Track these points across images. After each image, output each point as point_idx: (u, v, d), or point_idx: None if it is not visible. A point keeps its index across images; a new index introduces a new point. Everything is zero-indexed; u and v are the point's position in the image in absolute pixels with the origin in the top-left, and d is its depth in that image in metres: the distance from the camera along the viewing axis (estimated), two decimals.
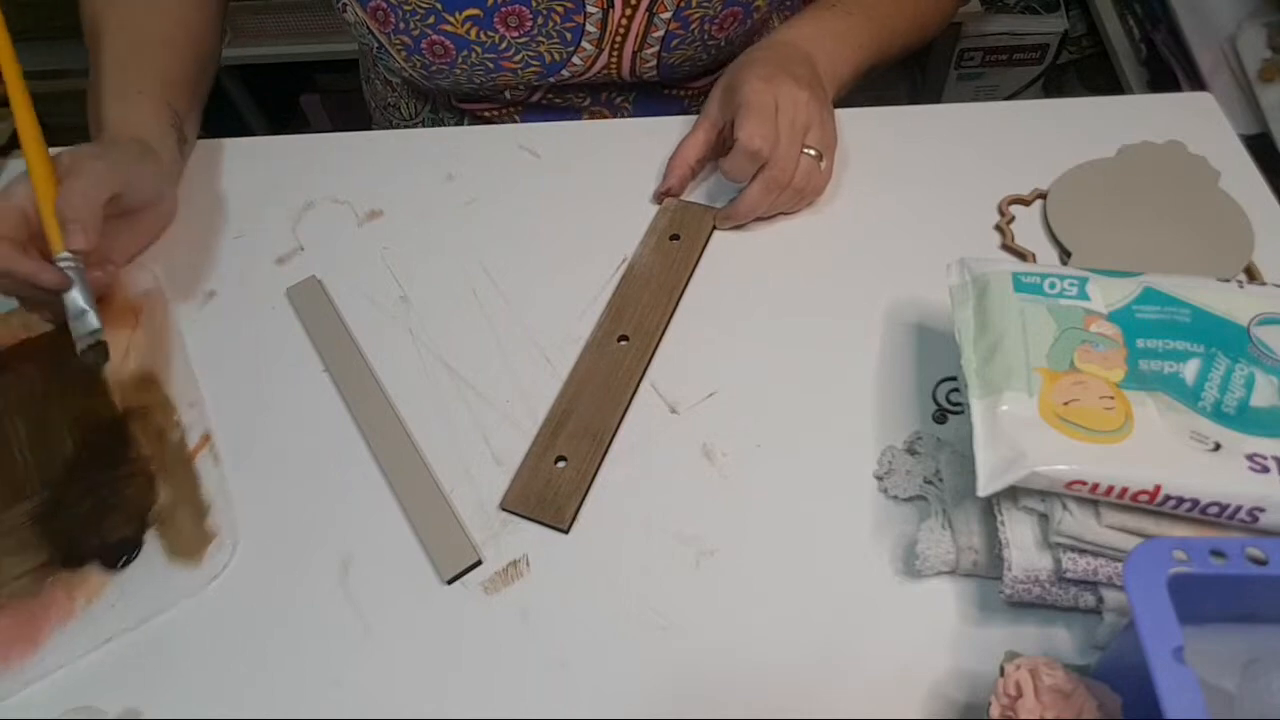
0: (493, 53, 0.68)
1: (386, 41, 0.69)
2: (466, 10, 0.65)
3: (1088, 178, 0.63)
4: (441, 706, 0.44)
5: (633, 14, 0.67)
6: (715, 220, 0.62)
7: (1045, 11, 1.44)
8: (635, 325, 0.57)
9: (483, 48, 0.68)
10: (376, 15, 0.67)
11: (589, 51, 0.69)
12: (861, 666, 0.45)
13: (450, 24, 0.66)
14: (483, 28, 0.66)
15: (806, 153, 0.59)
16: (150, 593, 0.48)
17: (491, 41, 0.67)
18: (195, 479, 0.51)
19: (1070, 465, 0.40)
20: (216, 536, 0.49)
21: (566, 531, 0.49)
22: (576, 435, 0.52)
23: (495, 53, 0.68)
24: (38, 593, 0.48)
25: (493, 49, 0.68)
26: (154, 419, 0.54)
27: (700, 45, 0.70)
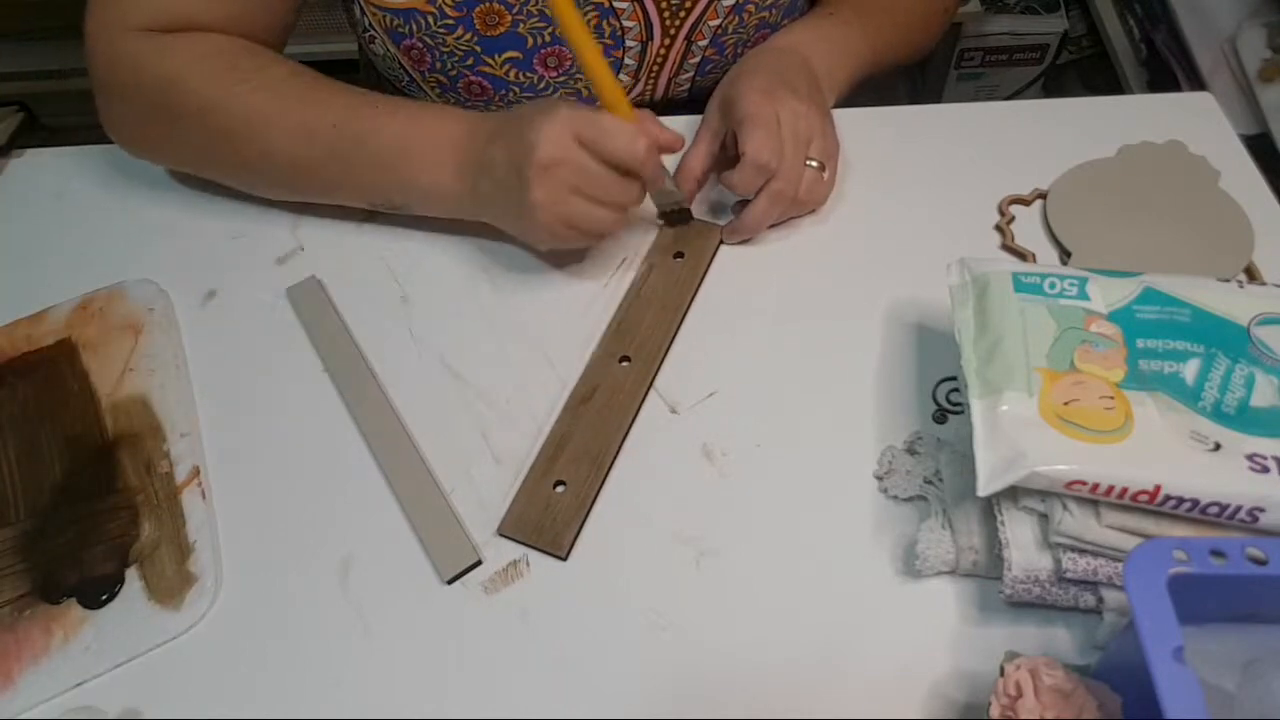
0: (530, 92, 0.67)
1: (419, 79, 0.68)
2: (506, 53, 0.64)
3: (1088, 178, 0.63)
4: (441, 706, 0.44)
5: (670, 43, 0.67)
6: (723, 235, 0.62)
7: (1045, 11, 1.44)
8: (637, 346, 0.56)
9: (521, 88, 0.67)
10: (411, 54, 0.66)
11: (625, 82, 0.69)
12: (861, 666, 0.45)
13: (489, 65, 0.65)
14: (522, 69, 0.66)
15: (809, 164, 0.59)
16: (127, 635, 0.47)
17: (530, 82, 0.67)
18: (181, 517, 0.50)
19: (1070, 465, 0.40)
20: (198, 581, 0.48)
21: (564, 559, 0.48)
22: (576, 459, 0.51)
23: (533, 92, 0.67)
24: (13, 626, 0.47)
25: (531, 89, 0.67)
26: (144, 448, 0.53)
27: (731, 66, 0.70)
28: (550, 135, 0.51)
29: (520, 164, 0.52)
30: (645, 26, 0.65)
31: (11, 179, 0.69)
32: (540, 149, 0.51)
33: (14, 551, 0.50)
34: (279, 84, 0.58)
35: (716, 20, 0.66)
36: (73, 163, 0.69)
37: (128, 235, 0.65)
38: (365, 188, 0.59)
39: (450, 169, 0.56)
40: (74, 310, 0.60)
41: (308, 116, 0.57)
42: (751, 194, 0.59)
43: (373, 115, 0.57)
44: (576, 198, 0.53)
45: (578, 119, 0.52)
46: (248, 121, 0.57)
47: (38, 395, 0.56)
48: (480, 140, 0.56)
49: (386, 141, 0.57)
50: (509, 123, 0.54)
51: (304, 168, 0.59)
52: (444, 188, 0.57)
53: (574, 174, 0.52)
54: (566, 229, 0.54)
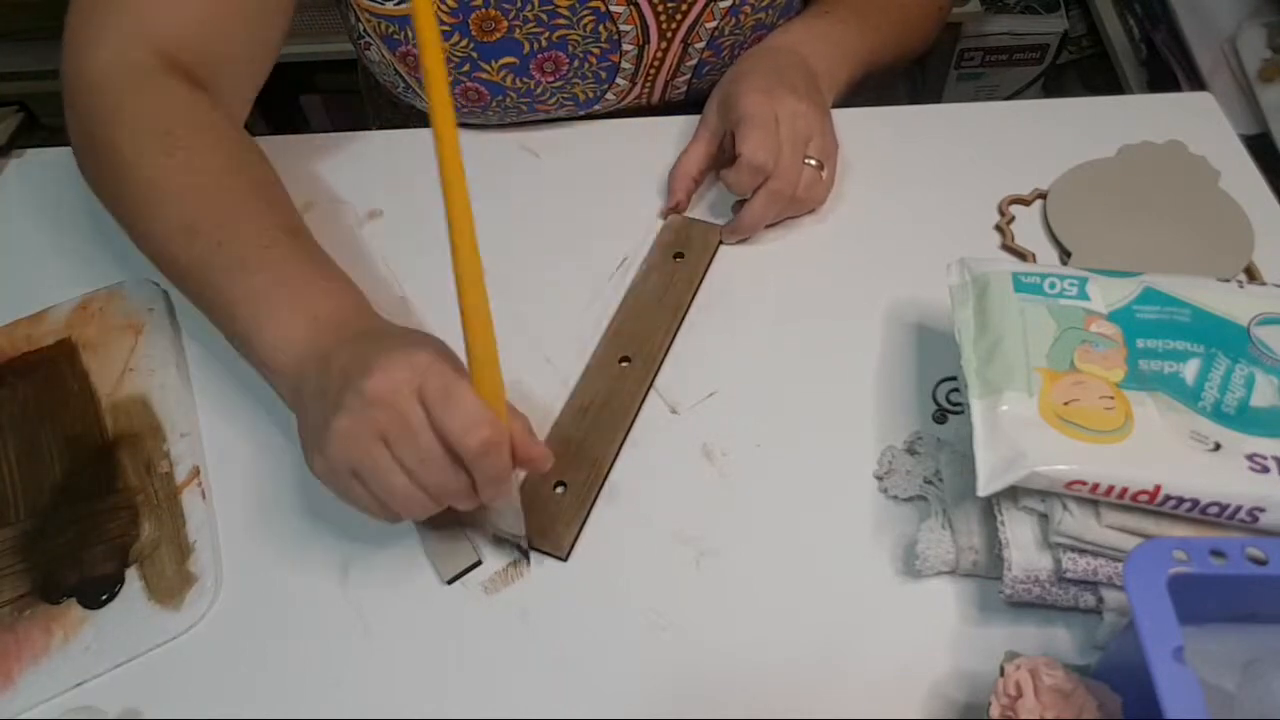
0: (528, 97, 0.67)
1: (415, 85, 0.68)
2: (503, 59, 0.64)
3: (1088, 178, 0.63)
4: (441, 706, 0.44)
5: (668, 47, 0.67)
6: (722, 235, 0.62)
7: (1045, 11, 1.44)
8: (638, 346, 0.56)
9: (518, 93, 0.67)
10: (406, 60, 0.65)
11: (623, 86, 0.69)
12: (861, 666, 0.45)
13: (485, 71, 0.65)
14: (519, 75, 0.65)
15: (808, 163, 0.59)
16: (127, 635, 0.46)
17: (527, 87, 0.66)
18: (181, 517, 0.50)
19: (1070, 465, 0.40)
20: (198, 580, 0.48)
21: (565, 559, 0.48)
22: (576, 459, 0.51)
23: (530, 97, 0.67)
24: (13, 626, 0.47)
25: (528, 94, 0.67)
26: (144, 448, 0.53)
27: (728, 69, 0.70)
28: (392, 371, 0.41)
29: (348, 381, 0.42)
30: (642, 30, 0.65)
31: (11, 179, 0.69)
32: (374, 379, 0.41)
33: (14, 551, 0.50)
34: (200, 170, 0.52)
35: (713, 22, 0.66)
36: (73, 163, 0.69)
37: (128, 235, 0.64)
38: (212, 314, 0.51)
39: (295, 350, 0.47)
40: (74, 310, 0.60)
41: (203, 218, 0.50)
42: (749, 194, 0.59)
43: (266, 252, 0.50)
44: (381, 451, 0.41)
45: (432, 372, 0.41)
46: (147, 192, 0.52)
47: (38, 395, 0.56)
48: (343, 335, 0.47)
49: (256, 284, 0.49)
50: (376, 337, 0.46)
51: (171, 264, 0.52)
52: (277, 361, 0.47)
53: (392, 424, 0.41)
54: (351, 477, 0.43)
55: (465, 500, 0.43)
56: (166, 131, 0.52)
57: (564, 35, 0.63)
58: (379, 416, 0.41)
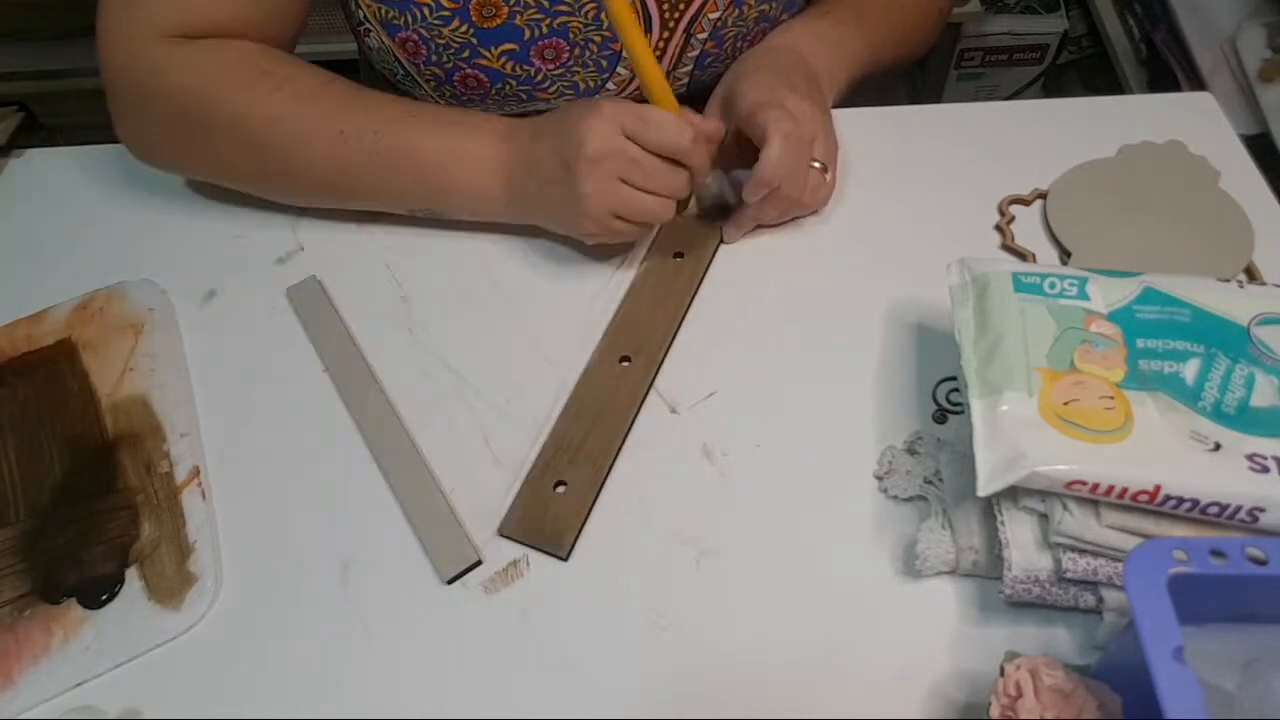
0: (528, 84, 0.67)
1: (415, 72, 0.68)
2: (503, 45, 0.64)
3: (1088, 178, 0.63)
4: (441, 706, 0.44)
5: (670, 36, 0.67)
6: (722, 234, 0.62)
7: (1045, 11, 1.44)
8: (638, 346, 0.56)
9: (517, 80, 0.67)
10: (406, 46, 0.65)
11: (624, 75, 0.69)
12: (861, 666, 0.45)
13: (485, 58, 0.65)
14: (519, 61, 0.65)
15: (813, 166, 0.59)
16: (127, 635, 0.47)
17: (527, 74, 0.66)
18: (181, 516, 0.50)
19: (1070, 465, 0.40)
20: (198, 580, 0.48)
21: (565, 560, 0.48)
22: (576, 459, 0.51)
23: (530, 84, 0.67)
24: (13, 626, 0.47)
25: (528, 81, 0.67)
26: (144, 448, 0.53)
27: (730, 62, 0.70)
28: (597, 128, 0.52)
29: (569, 159, 0.53)
30: (644, 19, 0.65)
31: (11, 179, 0.69)
32: (589, 143, 0.52)
33: (14, 551, 0.50)
34: (314, 90, 0.58)
35: (716, 13, 0.66)
36: (73, 163, 0.69)
37: (128, 235, 0.65)
38: (407, 194, 0.60)
39: (494, 172, 0.57)
40: (74, 310, 0.60)
41: (347, 123, 0.57)
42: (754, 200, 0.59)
43: (413, 121, 0.58)
44: (626, 188, 0.54)
45: (623, 112, 0.53)
46: (285, 128, 0.57)
47: (38, 395, 0.56)
48: (524, 140, 0.57)
49: (428, 147, 0.57)
50: (552, 121, 0.56)
51: (344, 175, 0.59)
52: (488, 191, 0.58)
53: (623, 165, 0.53)
54: (616, 220, 0.55)
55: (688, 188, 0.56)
56: (263, 72, 0.58)
57: (565, 22, 0.63)
58: (610, 166, 0.53)
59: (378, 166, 0.58)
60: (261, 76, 0.58)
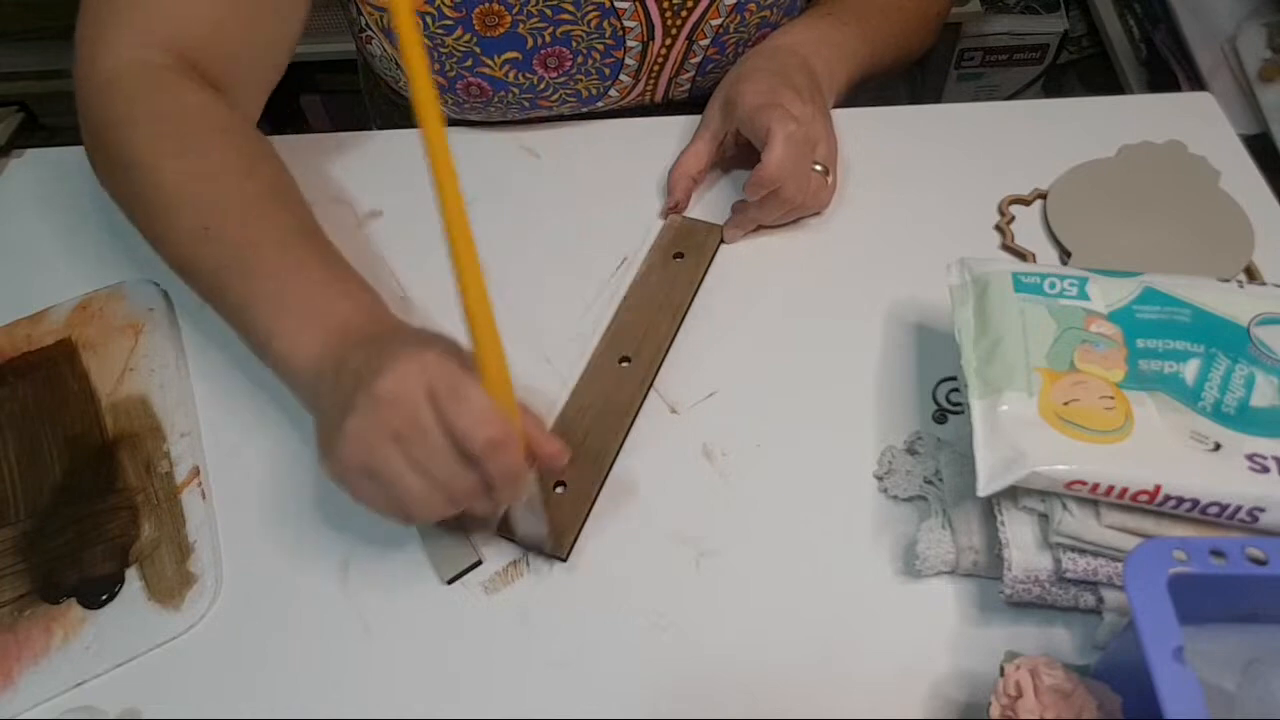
0: (530, 93, 0.67)
1: None
2: (506, 53, 0.64)
3: (1088, 178, 0.63)
4: (441, 706, 0.44)
5: (672, 43, 0.67)
6: (722, 234, 0.62)
7: (1045, 11, 1.44)
8: (638, 346, 0.56)
9: (520, 88, 0.67)
10: None
11: (626, 83, 0.69)
12: (861, 666, 0.45)
13: (488, 66, 0.65)
14: (521, 70, 0.65)
15: (814, 169, 0.59)
16: (127, 635, 0.47)
17: (529, 82, 0.66)
18: (180, 516, 0.50)
19: (1070, 465, 0.40)
20: (198, 580, 0.48)
21: (565, 560, 0.48)
22: (576, 459, 0.51)
23: (533, 93, 0.67)
24: (13, 626, 0.47)
25: (530, 89, 0.67)
26: (143, 448, 0.53)
27: (732, 66, 0.70)
28: (402, 371, 0.41)
29: (360, 383, 0.42)
30: (646, 26, 0.65)
31: (11, 179, 0.69)
32: (384, 380, 0.41)
33: (14, 551, 0.50)
34: (213, 174, 0.52)
35: (718, 20, 0.66)
36: (73, 163, 0.69)
37: (128, 235, 0.64)
38: (230, 318, 0.52)
39: (310, 351, 0.47)
40: (74, 310, 0.60)
41: (219, 221, 0.51)
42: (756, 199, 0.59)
43: (281, 257, 0.50)
44: (393, 451, 0.41)
45: (440, 371, 0.41)
46: (161, 194, 0.52)
47: (38, 395, 0.56)
48: (355, 338, 0.47)
49: (270, 289, 0.49)
50: (385, 338, 0.46)
51: (187, 267, 0.53)
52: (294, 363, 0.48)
53: (404, 425, 0.41)
54: (367, 478, 0.43)
55: (479, 501, 0.43)
56: (179, 134, 0.53)
57: (568, 31, 0.63)
58: (389, 416, 0.41)
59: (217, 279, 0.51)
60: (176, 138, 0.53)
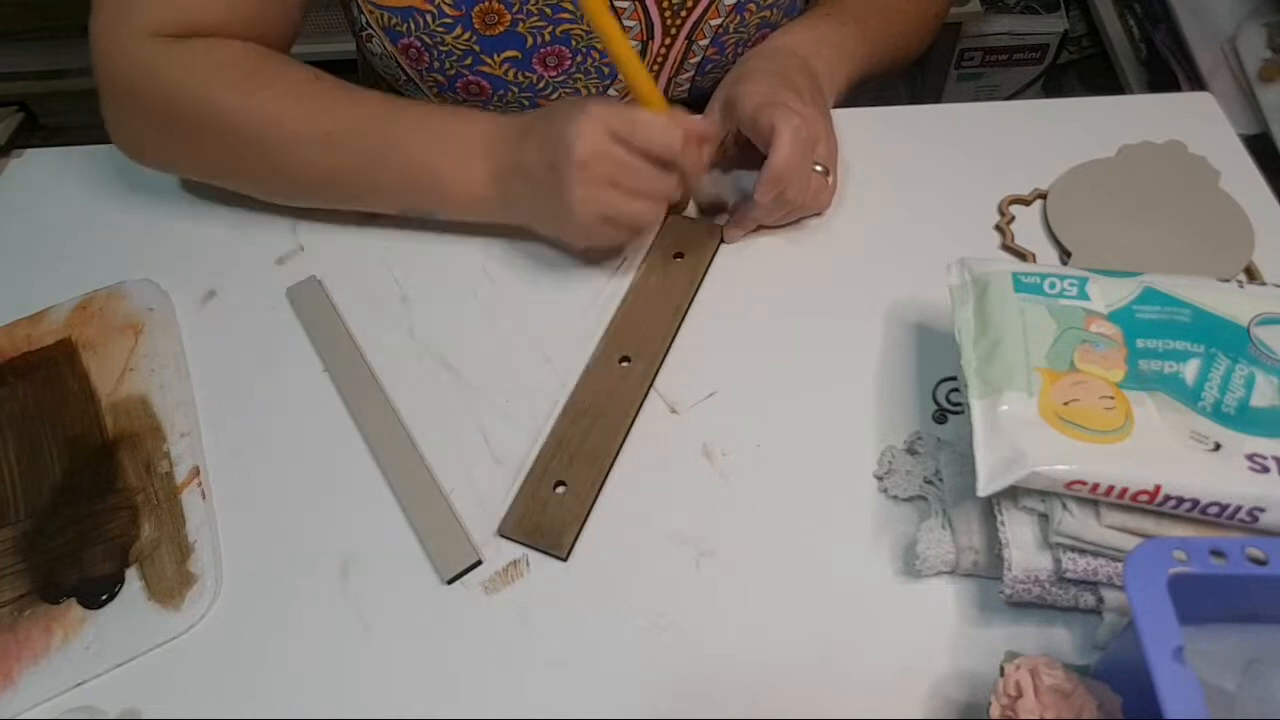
0: (529, 92, 0.67)
1: (417, 78, 0.68)
2: (505, 52, 0.64)
3: (1088, 178, 0.63)
4: (441, 706, 0.44)
5: (672, 43, 0.67)
6: (722, 234, 0.62)
7: (1045, 11, 1.44)
8: (638, 346, 0.56)
9: (519, 88, 0.67)
10: (409, 53, 0.65)
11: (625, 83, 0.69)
12: (861, 666, 0.45)
13: (488, 65, 0.65)
14: (521, 69, 0.65)
15: (815, 169, 0.59)
16: (127, 635, 0.47)
17: (529, 82, 0.66)
18: (180, 516, 0.50)
19: (1070, 465, 0.40)
20: (198, 580, 0.48)
21: (565, 559, 0.48)
22: (576, 459, 0.51)
23: (532, 92, 0.67)
24: (13, 626, 0.47)
25: (530, 88, 0.67)
26: (144, 448, 0.53)
27: (732, 66, 0.70)
28: (586, 131, 0.50)
29: (557, 162, 0.52)
30: (646, 26, 0.65)
31: (11, 179, 0.69)
32: (577, 146, 0.50)
33: (14, 551, 0.50)
34: (302, 90, 0.57)
35: (718, 19, 0.66)
36: (73, 163, 0.69)
37: (128, 235, 0.65)
38: (394, 195, 0.59)
39: (481, 173, 0.56)
40: (74, 310, 0.60)
41: (334, 124, 0.56)
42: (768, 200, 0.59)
43: (400, 121, 0.57)
44: (616, 192, 0.52)
45: (611, 114, 0.51)
46: (272, 129, 0.56)
47: (38, 395, 0.56)
48: (511, 141, 0.55)
49: (415, 147, 0.56)
50: (540, 121, 0.54)
51: (331, 176, 0.58)
52: (475, 192, 0.57)
53: (612, 169, 0.51)
54: (606, 225, 0.53)
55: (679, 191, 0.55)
56: (252, 71, 0.57)
57: (567, 30, 0.63)
58: (599, 170, 0.51)
59: (364, 168, 0.57)
60: (249, 76, 0.57)
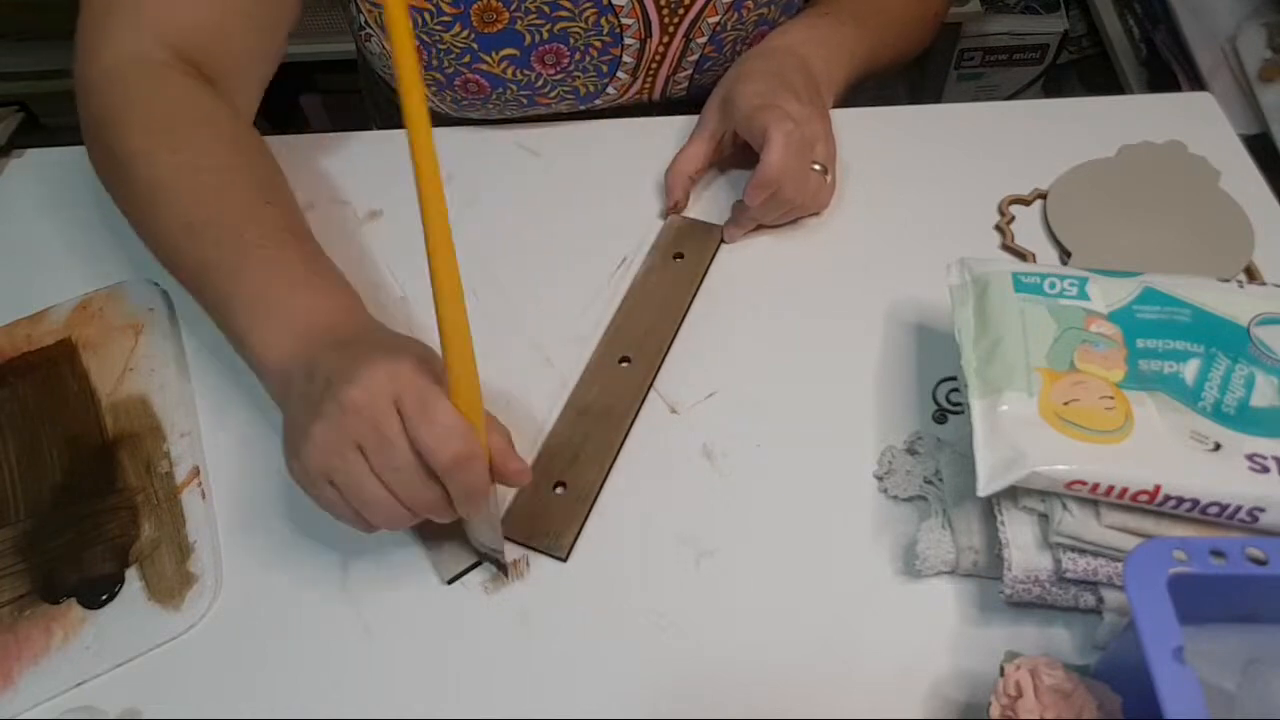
0: (528, 90, 0.67)
1: None
2: (504, 50, 0.64)
3: (1088, 178, 0.63)
4: (441, 706, 0.44)
5: (669, 41, 0.67)
6: (722, 234, 0.62)
7: (1045, 11, 1.44)
8: (638, 346, 0.56)
9: (518, 85, 0.67)
10: None
11: (624, 80, 0.69)
12: (861, 666, 0.45)
13: (486, 63, 0.65)
14: (519, 66, 0.65)
15: (813, 168, 0.59)
16: (127, 635, 0.47)
17: (527, 79, 0.66)
18: (180, 516, 0.50)
19: (1070, 465, 0.40)
20: (198, 580, 0.48)
21: (565, 560, 0.48)
22: (576, 460, 0.51)
23: (531, 89, 0.67)
24: (13, 626, 0.47)
25: (528, 86, 0.67)
26: (143, 448, 0.53)
27: (730, 64, 0.70)
28: (371, 382, 0.41)
29: (330, 389, 0.42)
30: (644, 24, 0.65)
31: (11, 179, 0.69)
32: (353, 389, 0.41)
33: (14, 551, 0.50)
34: (201, 170, 0.53)
35: (715, 17, 0.66)
36: (73, 163, 0.69)
37: (128, 235, 0.64)
38: (210, 312, 0.52)
39: (282, 351, 0.48)
40: (74, 310, 0.60)
41: (203, 218, 0.51)
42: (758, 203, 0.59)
43: (261, 255, 0.50)
44: (357, 460, 0.42)
45: (411, 383, 0.41)
46: (150, 189, 0.52)
47: (38, 395, 0.56)
48: (329, 341, 0.47)
49: (251, 288, 0.49)
50: (360, 344, 0.46)
51: (171, 259, 0.53)
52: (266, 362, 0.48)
53: (369, 435, 0.41)
54: (326, 484, 0.43)
55: (441, 513, 0.43)
56: (172, 129, 0.53)
57: (565, 28, 0.64)
58: (355, 425, 0.41)
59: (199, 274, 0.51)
60: (165, 132, 0.53)
